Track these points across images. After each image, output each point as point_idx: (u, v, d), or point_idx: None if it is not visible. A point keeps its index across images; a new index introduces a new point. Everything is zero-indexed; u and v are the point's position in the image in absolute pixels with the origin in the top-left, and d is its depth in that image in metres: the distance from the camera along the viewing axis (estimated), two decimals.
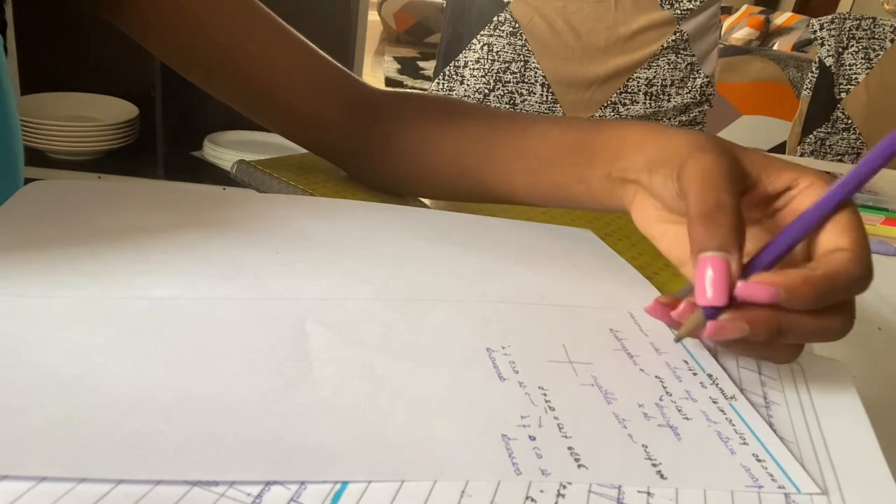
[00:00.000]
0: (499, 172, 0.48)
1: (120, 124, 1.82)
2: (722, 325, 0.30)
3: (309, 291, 0.34)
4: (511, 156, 0.47)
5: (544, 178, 0.45)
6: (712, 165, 0.34)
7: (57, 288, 0.32)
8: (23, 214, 0.38)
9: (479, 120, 0.50)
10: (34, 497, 0.21)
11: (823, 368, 0.34)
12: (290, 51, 0.53)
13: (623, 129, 0.42)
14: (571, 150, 0.44)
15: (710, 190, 0.33)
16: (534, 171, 0.46)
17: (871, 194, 0.74)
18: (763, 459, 0.27)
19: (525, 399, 0.29)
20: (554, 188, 0.45)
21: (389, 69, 4.33)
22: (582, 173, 0.43)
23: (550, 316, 0.36)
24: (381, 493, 0.23)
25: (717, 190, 0.33)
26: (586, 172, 0.43)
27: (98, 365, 0.27)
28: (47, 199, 0.40)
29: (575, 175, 0.43)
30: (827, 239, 0.33)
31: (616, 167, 0.41)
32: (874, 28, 1.62)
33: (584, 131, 0.44)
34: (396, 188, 0.55)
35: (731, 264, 0.31)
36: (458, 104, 0.53)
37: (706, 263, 0.32)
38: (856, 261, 0.31)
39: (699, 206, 0.33)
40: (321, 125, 0.55)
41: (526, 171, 0.46)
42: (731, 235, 0.32)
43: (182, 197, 0.44)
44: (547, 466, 0.25)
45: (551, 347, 0.32)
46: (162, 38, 0.52)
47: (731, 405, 0.30)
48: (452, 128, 0.51)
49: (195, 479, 0.22)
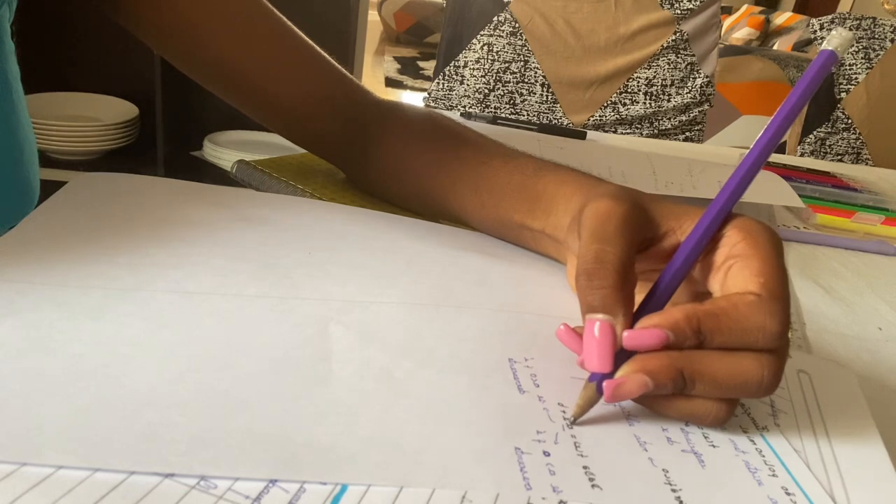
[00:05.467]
0: (459, 204, 0.48)
1: (120, 124, 1.81)
2: (620, 381, 0.28)
3: (336, 293, 0.35)
4: (468, 190, 0.47)
5: (495, 216, 0.45)
6: (604, 212, 0.32)
7: (95, 279, 0.32)
8: (69, 207, 0.39)
9: (449, 147, 0.50)
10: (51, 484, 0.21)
11: (830, 374, 0.34)
12: (288, 61, 0.53)
13: (558, 181, 0.41)
14: (515, 193, 0.43)
15: (595, 243, 0.31)
16: (486, 209, 0.46)
17: (871, 194, 0.74)
18: (792, 493, 0.26)
19: (543, 414, 0.28)
20: (504, 228, 0.45)
21: (389, 69, 4.32)
22: (523, 221, 0.43)
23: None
24: (381, 497, 0.23)
25: (602, 243, 0.31)
26: (527, 222, 0.42)
27: (124, 356, 0.28)
28: (93, 192, 0.41)
29: (518, 221, 0.43)
30: (734, 284, 0.30)
31: (549, 224, 0.40)
32: (874, 28, 1.61)
33: (527, 176, 0.43)
34: (383, 198, 0.55)
35: (616, 327, 0.29)
36: (435, 125, 0.52)
37: (590, 326, 0.29)
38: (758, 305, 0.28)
39: (581, 263, 0.31)
40: (315, 132, 0.56)
41: (479, 207, 0.46)
42: (612, 297, 0.29)
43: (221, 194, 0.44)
44: (559, 484, 0.25)
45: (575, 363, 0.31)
46: (160, 40, 0.52)
47: (763, 436, 0.29)
48: (423, 152, 0.51)
49: (203, 474, 0.22)
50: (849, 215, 0.67)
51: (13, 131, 0.44)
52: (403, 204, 0.53)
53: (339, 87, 0.55)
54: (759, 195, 0.65)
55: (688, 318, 0.28)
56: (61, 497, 0.21)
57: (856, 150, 1.66)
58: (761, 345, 0.28)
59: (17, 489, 0.21)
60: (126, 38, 0.53)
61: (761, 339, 0.28)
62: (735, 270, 0.30)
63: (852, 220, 0.66)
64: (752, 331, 0.28)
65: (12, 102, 0.44)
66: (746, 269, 0.30)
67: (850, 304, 0.51)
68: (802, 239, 0.62)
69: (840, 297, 0.52)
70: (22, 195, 0.45)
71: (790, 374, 0.33)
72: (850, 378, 0.34)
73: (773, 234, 0.31)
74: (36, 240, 0.35)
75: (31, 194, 0.47)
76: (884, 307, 0.51)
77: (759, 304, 0.28)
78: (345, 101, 0.55)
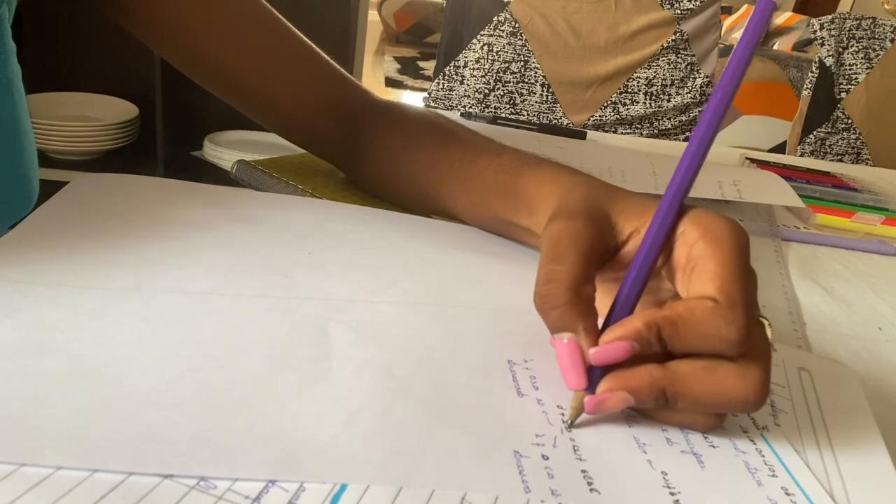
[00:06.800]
0: (451, 203, 0.48)
1: (120, 124, 1.81)
2: (602, 398, 0.28)
3: (336, 292, 0.35)
4: (458, 189, 0.47)
5: (486, 214, 0.46)
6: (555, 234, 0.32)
7: (95, 279, 0.32)
8: (70, 207, 0.39)
9: (439, 146, 0.50)
10: (50, 485, 0.21)
11: (832, 373, 0.34)
12: (287, 62, 0.53)
13: (538, 181, 0.41)
14: (501, 192, 0.44)
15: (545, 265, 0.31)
16: (477, 207, 0.46)
17: (871, 194, 0.74)
18: (792, 493, 0.26)
19: (542, 417, 0.28)
20: (498, 225, 0.46)
21: (389, 69, 4.32)
22: (511, 219, 0.43)
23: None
24: (380, 497, 0.23)
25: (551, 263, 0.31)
26: (514, 219, 0.43)
27: (124, 356, 0.28)
28: (93, 192, 0.41)
29: (507, 219, 0.44)
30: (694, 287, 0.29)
31: (534, 223, 0.40)
32: (874, 28, 1.61)
33: (511, 174, 0.43)
34: (381, 196, 0.55)
35: (581, 342, 0.29)
36: (429, 124, 0.52)
37: (557, 346, 0.29)
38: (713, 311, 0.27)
39: (535, 287, 0.31)
40: (314, 133, 0.56)
41: (470, 205, 0.47)
42: (568, 314, 0.29)
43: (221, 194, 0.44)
44: (557, 487, 0.25)
45: None
46: (159, 41, 0.53)
47: (763, 436, 0.29)
48: (416, 151, 0.51)
49: (203, 474, 0.22)
50: (849, 215, 0.67)
51: (14, 131, 0.44)
52: (400, 203, 0.53)
53: (338, 87, 0.55)
54: (759, 195, 0.65)
55: (648, 325, 0.28)
56: (61, 497, 0.21)
57: (856, 150, 1.66)
58: (720, 352, 0.28)
59: (17, 489, 0.21)
60: (126, 38, 0.54)
61: (719, 347, 0.27)
62: (695, 273, 0.30)
63: (852, 220, 0.66)
64: (708, 338, 0.27)
65: (13, 102, 0.44)
66: (704, 271, 0.29)
67: (850, 304, 0.51)
68: (802, 239, 0.62)
69: (840, 297, 0.52)
70: (22, 195, 0.45)
71: (791, 372, 0.33)
72: (852, 377, 0.34)
73: (733, 227, 0.30)
74: (36, 240, 0.35)
75: (31, 194, 0.47)
76: (884, 307, 0.51)
77: (714, 310, 0.28)
78: (343, 101, 0.55)
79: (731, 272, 0.29)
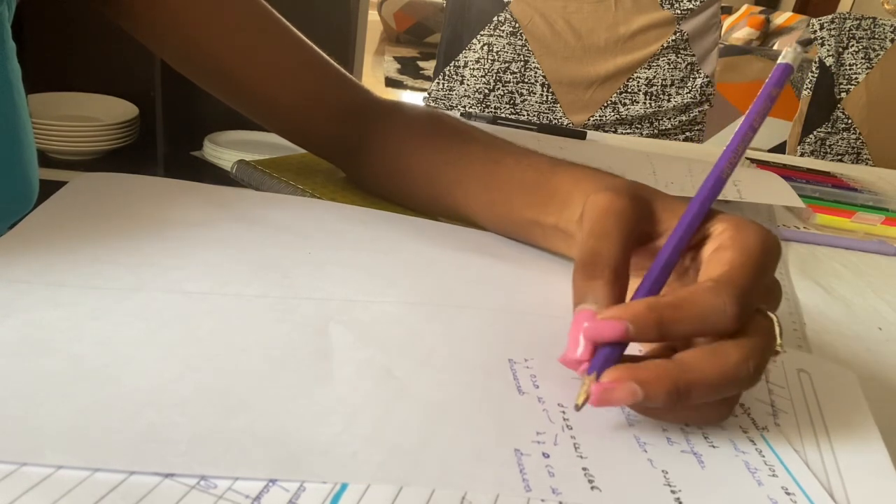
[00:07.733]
0: (466, 201, 0.48)
1: (120, 124, 1.81)
2: (609, 387, 0.27)
3: (336, 292, 0.35)
4: (477, 188, 0.47)
5: (505, 214, 0.45)
6: (602, 206, 0.33)
7: (95, 279, 0.32)
8: (69, 206, 0.39)
9: (456, 144, 0.50)
10: (50, 485, 0.21)
11: (831, 374, 0.34)
12: (286, 62, 0.53)
13: (576, 177, 0.41)
14: (529, 190, 0.44)
15: (592, 238, 0.32)
16: (496, 206, 0.46)
17: (871, 194, 0.74)
18: (792, 493, 0.26)
19: (543, 415, 0.28)
20: (514, 225, 0.46)
21: (389, 69, 4.32)
22: (536, 218, 0.43)
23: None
24: (380, 496, 0.23)
25: (599, 238, 0.31)
26: (540, 218, 0.43)
27: (124, 356, 0.28)
28: (93, 192, 0.41)
29: (530, 217, 0.43)
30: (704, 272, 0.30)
31: (563, 218, 0.40)
32: (874, 28, 1.61)
33: (541, 173, 0.43)
34: (384, 197, 0.55)
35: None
36: (439, 123, 0.52)
37: (581, 318, 0.29)
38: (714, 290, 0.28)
39: (578, 257, 0.31)
40: (314, 133, 0.56)
41: (489, 204, 0.46)
42: (603, 292, 0.30)
43: (221, 194, 0.44)
44: (558, 486, 0.25)
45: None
46: (158, 42, 0.53)
47: (763, 436, 0.29)
48: (429, 150, 0.51)
49: (203, 474, 0.22)
50: (849, 215, 0.67)
51: (14, 130, 0.44)
52: (404, 202, 0.53)
53: (338, 87, 0.55)
54: (759, 195, 0.65)
55: (650, 308, 0.28)
56: (61, 497, 0.21)
57: (856, 150, 1.66)
58: (720, 327, 0.28)
59: (17, 489, 0.21)
60: (126, 38, 0.54)
61: (720, 322, 0.27)
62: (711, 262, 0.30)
63: (852, 220, 0.66)
64: (709, 314, 0.27)
65: (13, 102, 0.45)
66: (719, 259, 0.30)
67: (850, 304, 0.51)
68: (802, 239, 0.62)
69: (840, 297, 0.52)
70: (22, 195, 0.45)
71: (790, 374, 0.33)
72: (851, 378, 0.34)
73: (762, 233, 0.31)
74: (36, 240, 0.35)
75: (31, 194, 0.47)
76: (884, 307, 0.51)
77: (714, 287, 0.28)
78: (343, 101, 0.55)
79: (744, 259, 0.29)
